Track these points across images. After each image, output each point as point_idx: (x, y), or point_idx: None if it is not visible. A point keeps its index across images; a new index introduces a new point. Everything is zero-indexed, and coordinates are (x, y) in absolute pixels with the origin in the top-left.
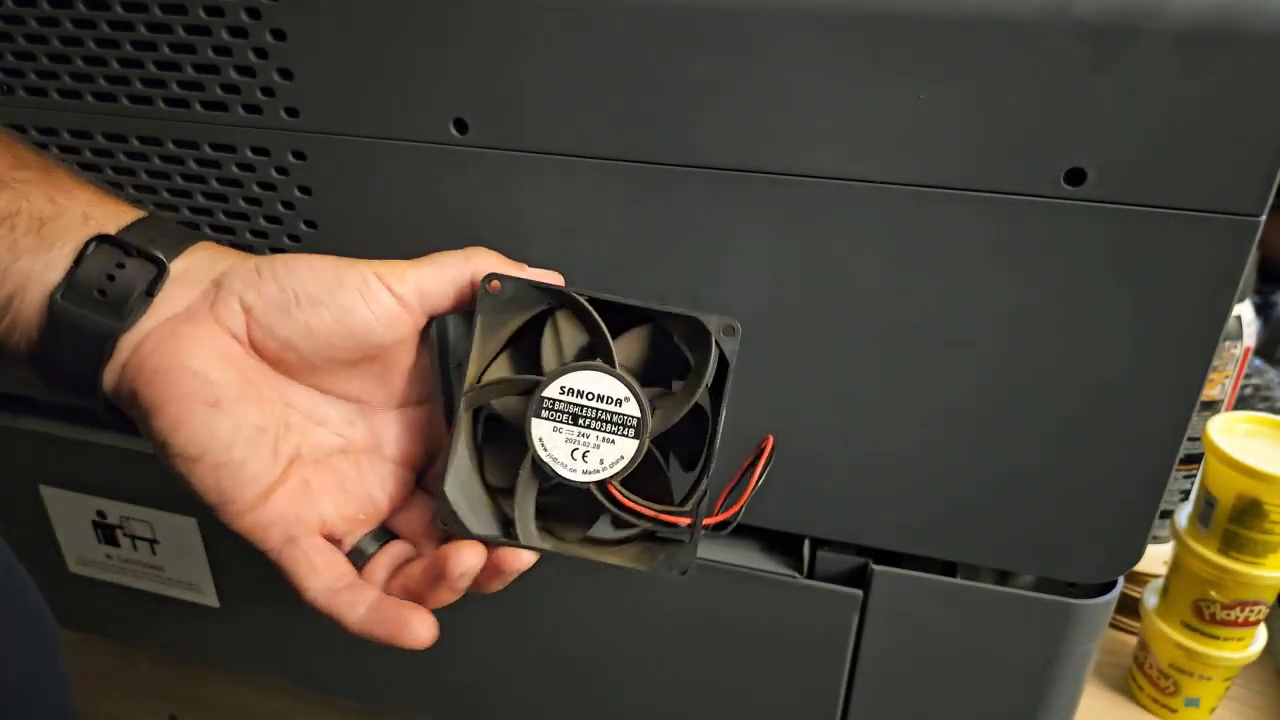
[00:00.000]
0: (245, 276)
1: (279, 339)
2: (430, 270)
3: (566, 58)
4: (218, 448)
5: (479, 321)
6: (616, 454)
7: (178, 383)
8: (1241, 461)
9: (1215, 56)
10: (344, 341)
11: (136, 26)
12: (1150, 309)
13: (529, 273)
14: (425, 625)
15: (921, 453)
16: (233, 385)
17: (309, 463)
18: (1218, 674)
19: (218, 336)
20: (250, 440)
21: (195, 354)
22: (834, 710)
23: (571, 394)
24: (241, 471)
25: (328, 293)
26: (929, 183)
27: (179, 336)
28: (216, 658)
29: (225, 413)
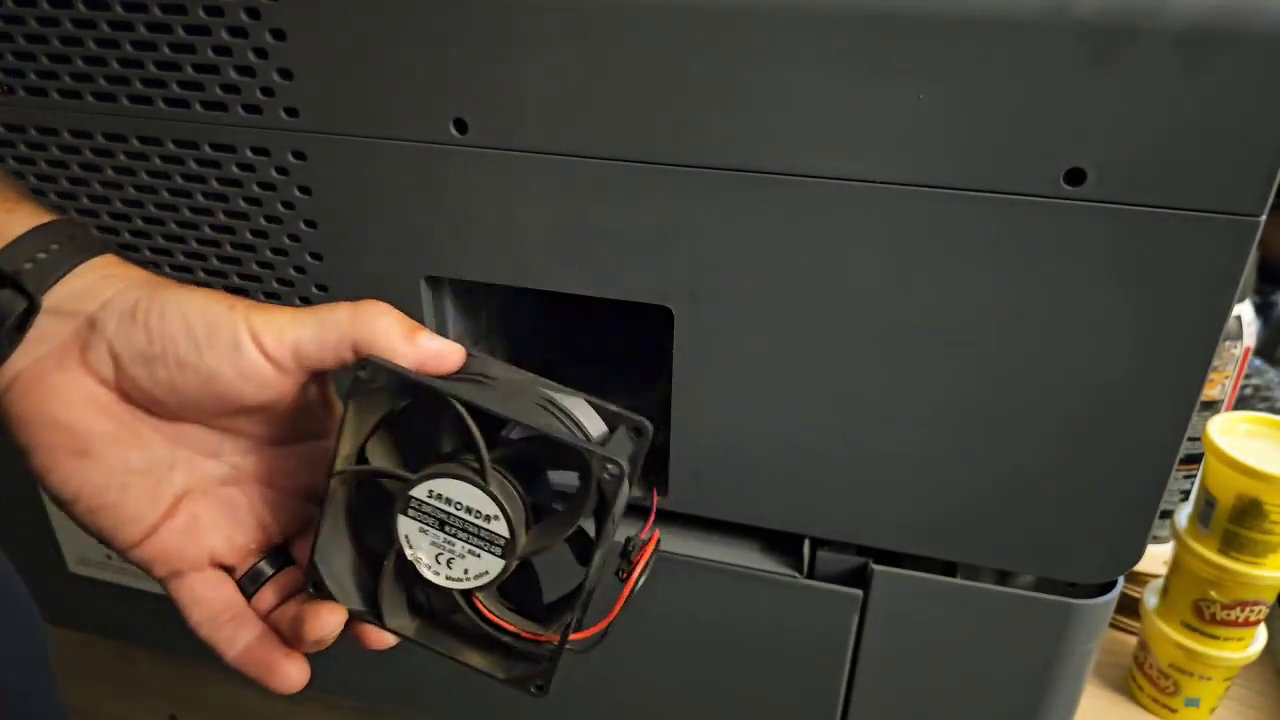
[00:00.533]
0: (120, 318)
1: (145, 391)
2: (310, 331)
3: (566, 58)
4: (89, 493)
5: (349, 408)
6: (482, 567)
7: (44, 433)
8: (1241, 461)
9: (1215, 56)
10: (212, 402)
11: (136, 26)
12: (1150, 309)
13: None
14: (296, 669)
15: (921, 453)
16: (105, 433)
17: (198, 496)
18: (1218, 674)
19: (86, 384)
20: (126, 485)
21: (62, 404)
22: (834, 710)
23: (440, 499)
24: (118, 513)
25: (195, 352)
26: (929, 183)
27: (46, 385)
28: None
29: (96, 461)
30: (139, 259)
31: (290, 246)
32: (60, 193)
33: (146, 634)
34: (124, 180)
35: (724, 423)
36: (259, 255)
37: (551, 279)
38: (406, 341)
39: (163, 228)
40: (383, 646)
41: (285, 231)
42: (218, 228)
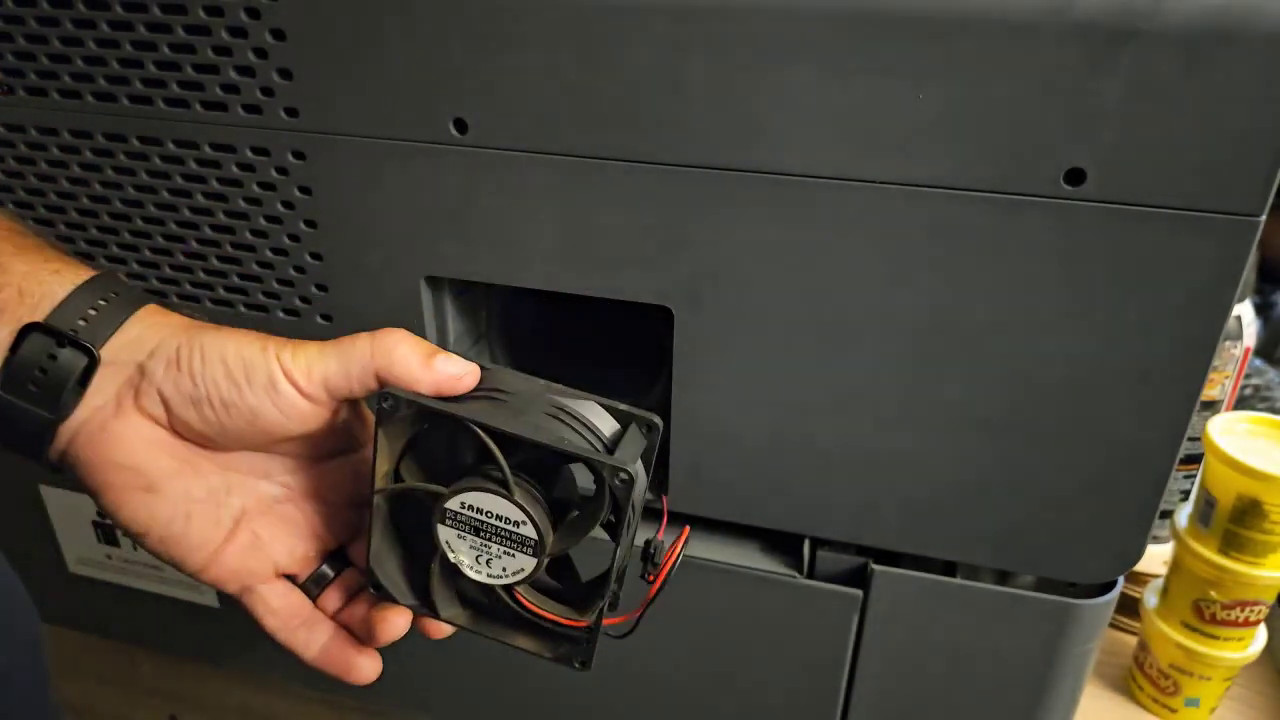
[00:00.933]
0: (167, 364)
1: (196, 431)
2: (336, 365)
3: (566, 58)
4: (158, 525)
5: (379, 434)
6: (517, 565)
7: (111, 475)
8: (1241, 461)
9: (1215, 57)
10: (258, 437)
11: (136, 26)
12: (1150, 309)
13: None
14: (370, 664)
15: (921, 453)
16: (166, 469)
17: (256, 515)
18: (1218, 674)
19: (143, 427)
20: (190, 514)
21: (123, 448)
22: (834, 710)
23: (472, 509)
24: (186, 540)
25: (237, 394)
26: (929, 183)
27: (109, 433)
28: (216, 658)
29: (162, 495)
30: (139, 259)
31: (290, 246)
32: (60, 193)
33: (146, 634)
34: (124, 180)
35: (724, 423)
36: (259, 255)
37: (551, 279)
38: (424, 367)
39: (163, 228)
40: (442, 635)
41: (285, 231)
42: (218, 228)
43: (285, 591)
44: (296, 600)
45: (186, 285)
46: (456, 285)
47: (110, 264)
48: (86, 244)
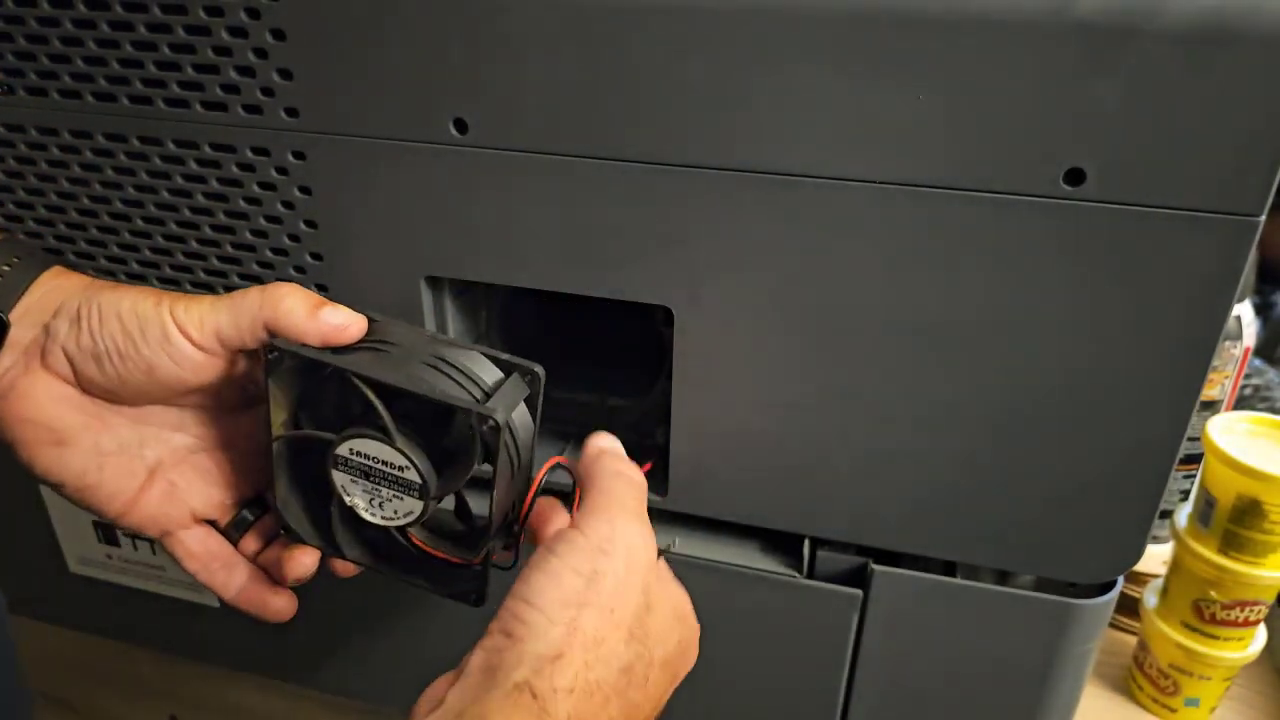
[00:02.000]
0: (69, 321)
1: (100, 384)
2: (227, 317)
3: (566, 58)
4: (72, 476)
5: (269, 384)
6: (407, 508)
7: (21, 430)
8: (1241, 461)
9: (1215, 57)
10: (159, 389)
11: (136, 26)
12: (1150, 309)
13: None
14: (285, 602)
15: (921, 453)
16: (74, 423)
17: (171, 466)
18: (1217, 674)
19: (51, 385)
20: (103, 465)
21: (31, 405)
22: (834, 710)
23: (360, 455)
24: (100, 490)
25: (133, 347)
26: (929, 183)
27: (18, 390)
28: (216, 658)
29: (73, 448)
30: (139, 259)
31: (290, 246)
32: (60, 193)
33: (146, 634)
34: (124, 180)
35: (724, 423)
36: (259, 255)
37: (551, 279)
38: (309, 318)
39: (163, 228)
40: (349, 574)
41: (285, 231)
42: (218, 228)
43: (204, 536)
44: (216, 544)
45: (187, 285)
46: (456, 285)
47: (110, 264)
48: (87, 244)
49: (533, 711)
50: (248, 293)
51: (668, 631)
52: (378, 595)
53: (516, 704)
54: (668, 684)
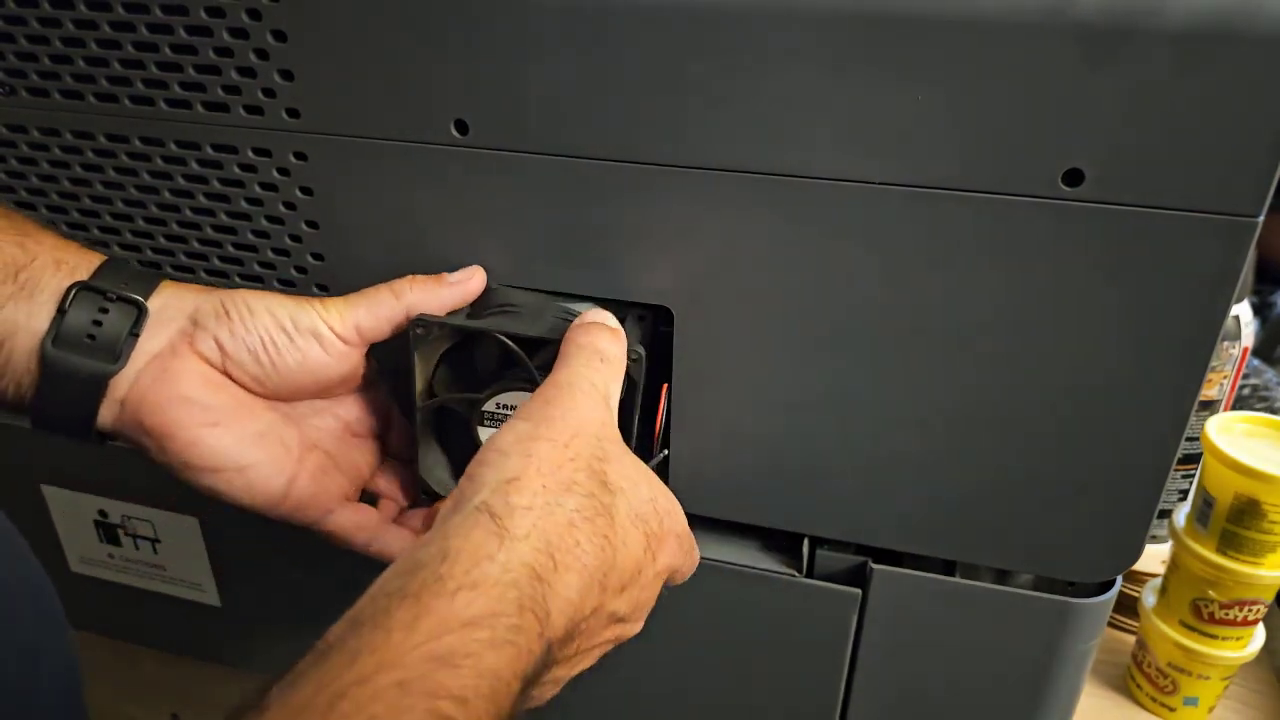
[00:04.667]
0: (215, 315)
1: (250, 375)
2: (365, 310)
3: (566, 58)
4: (232, 457)
5: (414, 357)
6: None
7: (181, 411)
8: (1240, 461)
9: (1214, 56)
10: (304, 379)
11: (138, 27)
12: (1149, 309)
13: (452, 283)
14: None
15: (921, 453)
16: (226, 406)
17: (312, 448)
18: (1216, 673)
19: (202, 368)
20: (257, 444)
21: (189, 384)
22: (834, 709)
23: (505, 408)
24: (260, 470)
25: (288, 339)
26: (929, 183)
27: (170, 371)
28: (218, 656)
29: (229, 428)
30: (141, 259)
31: (292, 247)
32: (62, 193)
33: (147, 633)
34: (126, 181)
35: (724, 423)
36: (260, 256)
37: (551, 279)
38: (442, 286)
39: (164, 228)
40: None
41: (287, 232)
42: (219, 228)
43: (361, 508)
44: (371, 514)
45: None
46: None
47: None
48: (89, 244)
49: (491, 529)
50: (378, 290)
51: (633, 484)
52: None
53: (476, 522)
54: (642, 545)
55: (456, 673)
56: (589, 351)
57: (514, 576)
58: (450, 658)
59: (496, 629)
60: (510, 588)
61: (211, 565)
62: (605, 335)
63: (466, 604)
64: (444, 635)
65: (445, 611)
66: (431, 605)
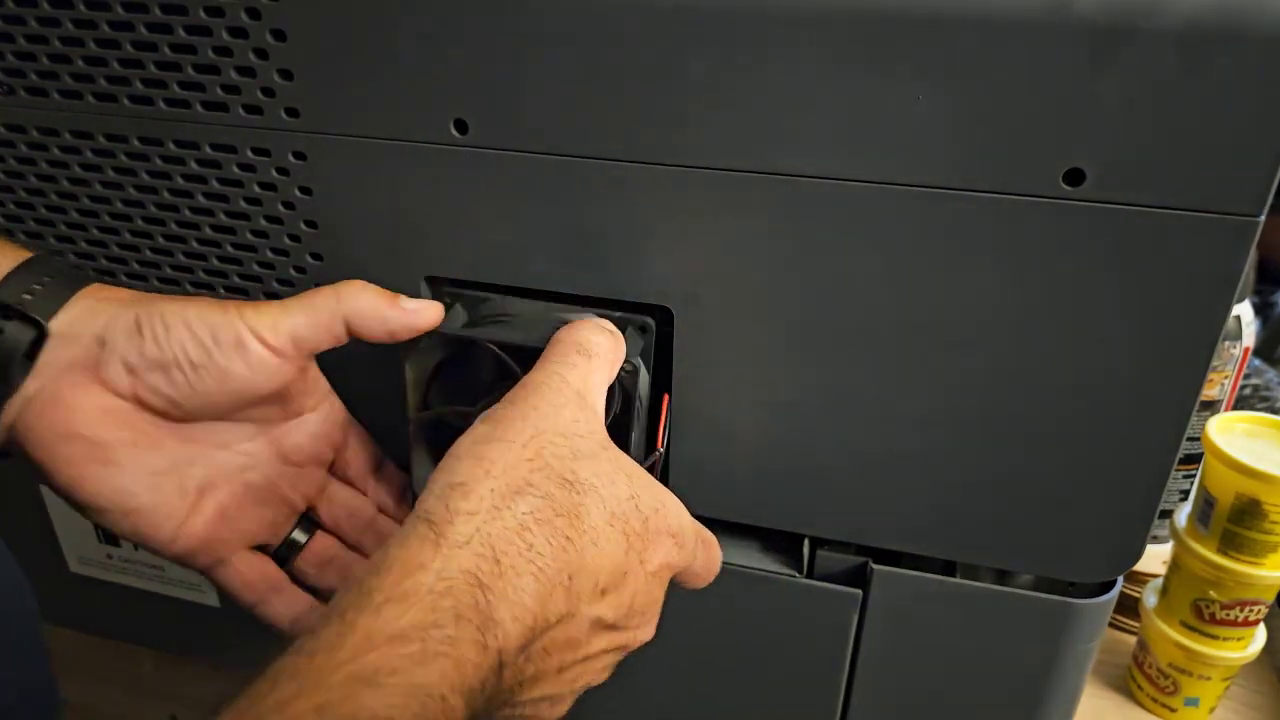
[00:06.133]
0: (127, 333)
1: (164, 397)
2: (303, 318)
3: (566, 58)
4: (121, 498)
5: (406, 365)
6: None
7: (64, 447)
8: (1241, 461)
9: (1215, 56)
10: (228, 399)
11: (137, 27)
12: (1150, 309)
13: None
14: None
15: (921, 453)
16: (123, 441)
17: (220, 485)
18: (1217, 673)
19: (102, 397)
20: (152, 486)
21: (81, 418)
22: (834, 710)
23: None
24: (151, 514)
25: (206, 355)
26: (929, 183)
27: (63, 402)
28: (217, 657)
29: (120, 467)
30: (140, 259)
31: (291, 247)
32: (61, 193)
33: (147, 634)
34: (125, 181)
35: (724, 423)
36: (259, 256)
37: (551, 279)
38: (392, 307)
39: (163, 228)
40: None
41: (286, 232)
42: (218, 228)
43: (258, 562)
44: (269, 570)
45: (187, 285)
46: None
47: (110, 264)
48: (87, 244)
49: (427, 537)
50: (319, 293)
51: (609, 481)
52: None
53: (413, 531)
54: (622, 545)
55: (379, 692)
56: (566, 346)
57: (450, 585)
58: (374, 676)
59: (428, 642)
60: (444, 596)
61: None
62: (590, 329)
63: (394, 617)
64: (368, 653)
65: (370, 627)
66: (356, 622)
